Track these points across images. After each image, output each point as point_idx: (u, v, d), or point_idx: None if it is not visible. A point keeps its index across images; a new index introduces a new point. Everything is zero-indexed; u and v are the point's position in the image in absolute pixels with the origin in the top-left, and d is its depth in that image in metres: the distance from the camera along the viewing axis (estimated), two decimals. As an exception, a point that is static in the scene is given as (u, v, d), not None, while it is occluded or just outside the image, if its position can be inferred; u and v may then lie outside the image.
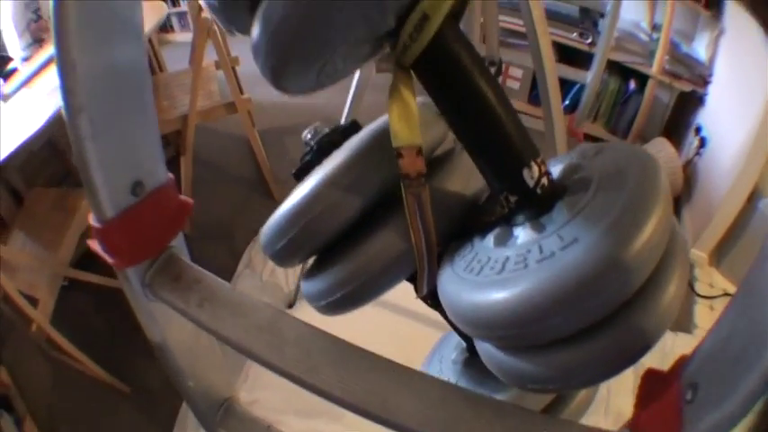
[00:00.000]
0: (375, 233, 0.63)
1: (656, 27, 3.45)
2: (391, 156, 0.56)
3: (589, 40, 3.35)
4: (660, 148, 3.13)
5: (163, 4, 3.17)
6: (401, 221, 0.60)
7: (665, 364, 0.46)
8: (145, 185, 0.68)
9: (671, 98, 3.35)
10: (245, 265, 2.78)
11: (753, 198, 2.55)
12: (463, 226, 0.66)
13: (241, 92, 2.94)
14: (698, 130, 3.12)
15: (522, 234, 0.57)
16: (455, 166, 0.69)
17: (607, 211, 0.49)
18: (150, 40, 3.22)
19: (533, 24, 1.09)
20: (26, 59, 2.57)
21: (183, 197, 0.74)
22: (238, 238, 2.95)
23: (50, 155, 2.92)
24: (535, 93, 3.62)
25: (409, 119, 0.56)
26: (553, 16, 3.40)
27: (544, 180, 0.58)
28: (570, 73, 3.40)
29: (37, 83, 2.39)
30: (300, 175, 0.70)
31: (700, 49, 3.35)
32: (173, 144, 3.12)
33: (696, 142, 3.07)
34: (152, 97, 0.67)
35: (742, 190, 2.55)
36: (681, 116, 3.47)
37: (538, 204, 0.57)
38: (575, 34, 3.40)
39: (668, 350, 2.42)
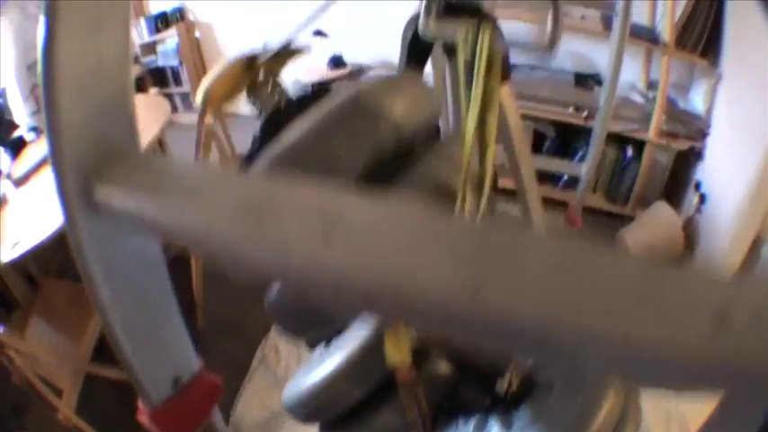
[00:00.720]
0: (379, 411, 0.68)
1: (651, 84, 3.49)
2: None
3: (585, 114, 3.36)
4: (659, 213, 3.15)
5: (166, 103, 3.25)
6: (398, 403, 0.64)
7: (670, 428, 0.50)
8: (182, 378, 0.74)
9: (669, 159, 3.36)
10: (258, 360, 2.78)
11: (756, 245, 2.53)
12: (451, 401, 0.71)
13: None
14: (697, 185, 3.13)
15: (495, 427, 0.63)
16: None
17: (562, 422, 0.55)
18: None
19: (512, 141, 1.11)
20: (33, 129, 2.51)
21: (213, 377, 0.81)
22: (251, 332, 2.94)
23: (62, 242, 2.97)
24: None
25: (401, 345, 0.62)
26: (548, 93, 3.47)
27: (513, 387, 0.64)
28: (565, 167, 3.42)
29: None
30: (251, 159, 0.67)
31: (696, 100, 3.38)
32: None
33: (696, 199, 3.07)
34: (173, 294, 0.70)
35: (745, 238, 2.54)
36: (680, 174, 3.48)
37: (506, 406, 0.64)
38: (570, 109, 3.42)
39: (672, 413, 2.45)
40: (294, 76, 4.40)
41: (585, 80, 3.67)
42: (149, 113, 3.05)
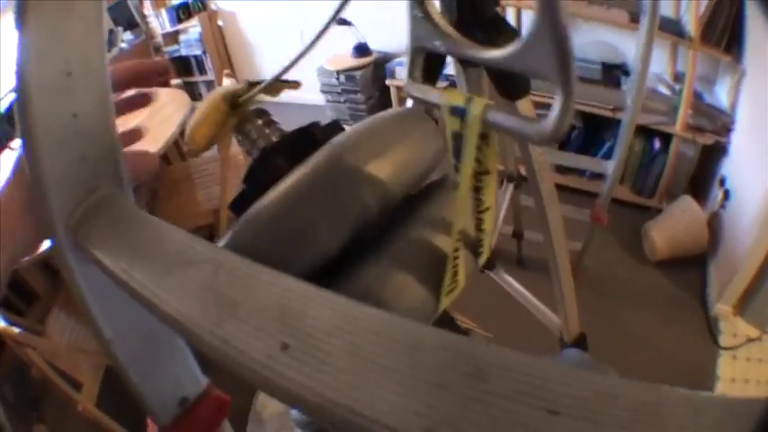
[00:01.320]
0: None
1: (677, 77, 3.46)
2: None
3: (612, 106, 3.35)
4: (685, 208, 3.13)
5: (186, 96, 3.24)
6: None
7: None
8: (189, 398, 0.73)
9: (695, 152, 3.33)
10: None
11: None
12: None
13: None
14: (722, 181, 3.11)
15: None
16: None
17: None
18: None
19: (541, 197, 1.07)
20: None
21: (220, 394, 0.80)
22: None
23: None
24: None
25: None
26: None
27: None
28: (592, 164, 3.34)
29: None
30: (238, 207, 0.62)
31: (721, 94, 3.35)
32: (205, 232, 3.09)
33: (720, 195, 3.06)
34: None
35: (766, 239, 2.52)
36: (705, 168, 3.46)
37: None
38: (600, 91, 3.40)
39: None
40: (319, 64, 4.41)
41: (612, 70, 3.66)
42: (170, 106, 3.08)
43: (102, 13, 0.55)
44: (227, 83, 2.92)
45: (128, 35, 5.12)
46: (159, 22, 5.25)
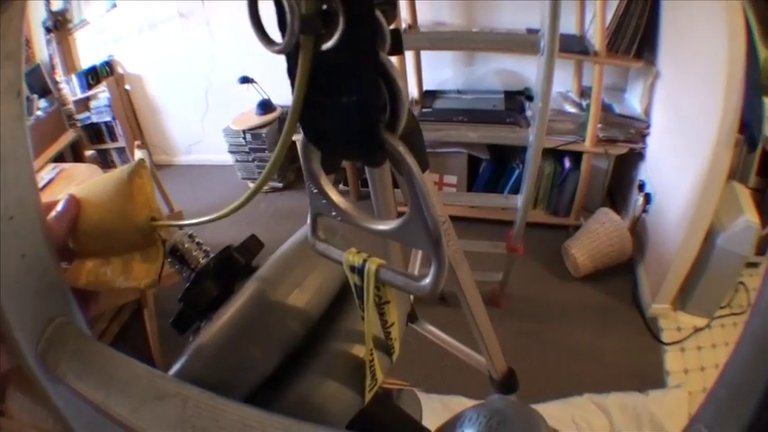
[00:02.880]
0: None
1: (584, 92, 3.48)
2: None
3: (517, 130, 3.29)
4: (605, 220, 3.16)
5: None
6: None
7: (641, 426, 0.49)
8: None
9: (609, 164, 3.37)
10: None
11: (709, 236, 2.59)
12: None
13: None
14: (641, 186, 3.16)
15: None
16: None
17: None
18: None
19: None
20: None
21: None
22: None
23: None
24: (473, 189, 3.69)
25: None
26: (478, 117, 3.42)
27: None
28: (501, 201, 2.99)
29: None
30: (179, 326, 0.70)
31: (633, 101, 3.39)
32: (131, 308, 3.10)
33: (641, 200, 3.10)
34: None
35: (698, 230, 2.58)
36: (622, 176, 3.52)
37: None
38: (503, 129, 3.34)
39: (641, 410, 2.47)
40: (225, 125, 4.41)
41: (515, 97, 3.67)
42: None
43: (30, 150, 0.59)
44: (139, 154, 2.90)
45: (42, 102, 5.07)
46: (70, 89, 5.18)
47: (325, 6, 0.34)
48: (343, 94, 0.38)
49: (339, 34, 0.34)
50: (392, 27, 0.39)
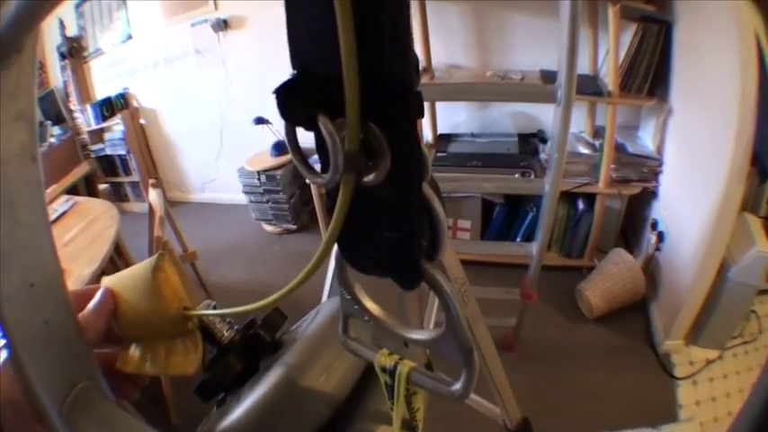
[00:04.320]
0: None
1: (597, 132, 3.50)
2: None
3: (532, 177, 3.30)
4: (618, 261, 3.15)
5: (115, 211, 3.25)
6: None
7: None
8: None
9: (622, 204, 3.36)
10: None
11: (721, 270, 2.58)
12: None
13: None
14: (654, 224, 3.15)
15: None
16: None
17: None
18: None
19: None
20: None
21: None
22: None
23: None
24: (487, 233, 3.68)
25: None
26: (493, 161, 3.45)
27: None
28: (514, 249, 2.93)
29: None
30: (204, 394, 0.73)
31: (646, 139, 3.38)
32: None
33: (654, 238, 3.09)
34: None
35: (711, 266, 2.57)
36: (635, 215, 3.51)
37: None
38: (516, 175, 3.34)
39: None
40: (239, 164, 4.42)
41: (529, 139, 3.69)
42: (102, 220, 3.15)
43: (47, 216, 0.58)
44: (153, 194, 2.91)
45: (56, 129, 5.10)
46: (85, 119, 5.21)
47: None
48: (384, 228, 0.38)
49: (383, 172, 0.34)
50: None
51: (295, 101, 0.35)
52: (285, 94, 0.34)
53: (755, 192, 2.76)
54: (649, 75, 3.03)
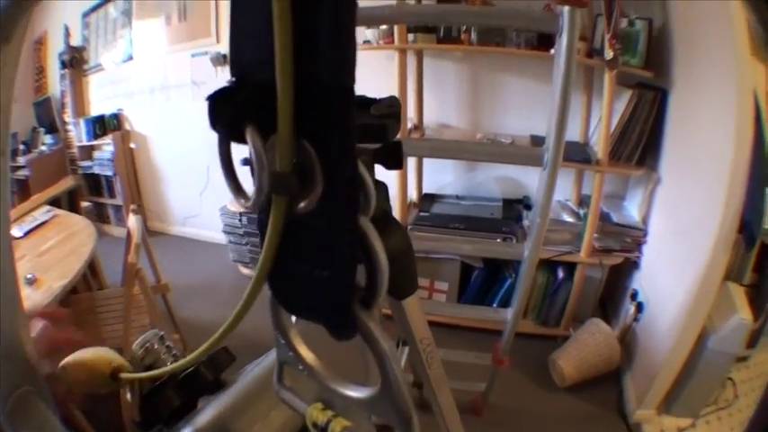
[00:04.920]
0: None
1: (583, 200, 3.48)
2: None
3: (513, 242, 3.27)
4: (594, 331, 3.13)
5: (92, 231, 3.23)
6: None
7: None
8: None
9: (603, 274, 3.33)
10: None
11: (700, 338, 2.54)
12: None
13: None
14: (634, 295, 3.12)
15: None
16: None
17: None
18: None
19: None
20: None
21: None
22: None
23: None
24: (464, 296, 3.64)
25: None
26: (475, 225, 3.43)
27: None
28: (490, 314, 2.91)
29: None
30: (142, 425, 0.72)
31: (632, 209, 3.38)
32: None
33: (633, 308, 3.07)
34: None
35: (690, 335, 2.54)
36: (615, 285, 3.49)
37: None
38: (498, 240, 3.32)
39: None
40: (222, 203, 4.39)
41: (514, 205, 3.69)
42: (80, 237, 3.12)
43: (8, 221, 0.65)
44: (132, 220, 2.89)
45: (48, 138, 5.09)
46: (77, 133, 5.18)
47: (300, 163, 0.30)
48: (315, 265, 0.34)
49: (315, 197, 0.30)
50: (395, 139, 0.35)
51: (225, 109, 0.31)
52: (218, 102, 0.31)
53: (741, 259, 2.72)
54: (641, 143, 3.04)
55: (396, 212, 3.31)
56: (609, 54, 2.77)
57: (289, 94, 0.27)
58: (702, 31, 2.58)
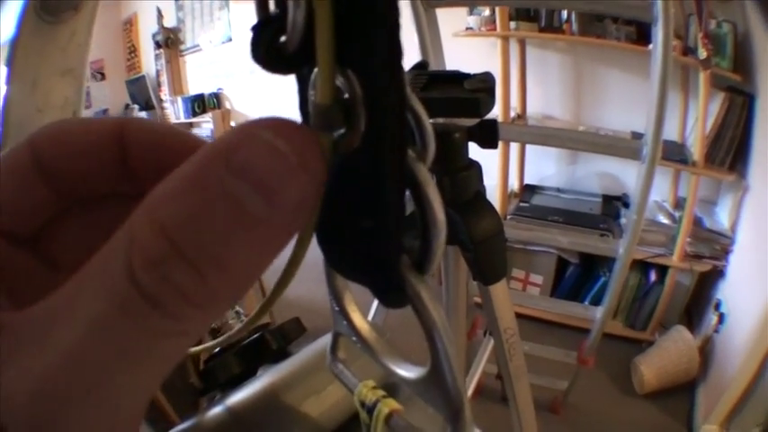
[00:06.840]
0: None
1: (678, 203, 3.41)
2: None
3: (610, 237, 3.24)
4: (677, 338, 3.06)
5: None
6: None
7: None
8: None
9: (692, 281, 3.25)
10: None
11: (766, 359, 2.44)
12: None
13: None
14: (717, 305, 3.02)
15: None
16: None
17: None
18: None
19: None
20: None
21: None
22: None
23: None
24: (558, 291, 3.62)
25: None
26: (573, 219, 3.40)
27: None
28: (580, 311, 2.94)
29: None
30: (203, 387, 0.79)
31: (722, 215, 3.29)
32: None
33: (715, 319, 2.97)
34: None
35: (760, 350, 2.43)
36: (701, 293, 3.39)
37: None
38: (596, 235, 3.29)
39: None
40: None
41: (613, 202, 3.65)
42: None
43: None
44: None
45: (143, 115, 5.20)
46: (174, 110, 5.29)
47: (346, 95, 0.26)
48: (359, 214, 0.29)
49: (359, 132, 0.26)
50: (491, 118, 0.32)
51: (266, 35, 0.28)
52: (261, 30, 0.28)
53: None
54: (732, 148, 2.96)
55: (496, 202, 3.27)
56: (702, 53, 2.71)
57: (327, 12, 0.24)
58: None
